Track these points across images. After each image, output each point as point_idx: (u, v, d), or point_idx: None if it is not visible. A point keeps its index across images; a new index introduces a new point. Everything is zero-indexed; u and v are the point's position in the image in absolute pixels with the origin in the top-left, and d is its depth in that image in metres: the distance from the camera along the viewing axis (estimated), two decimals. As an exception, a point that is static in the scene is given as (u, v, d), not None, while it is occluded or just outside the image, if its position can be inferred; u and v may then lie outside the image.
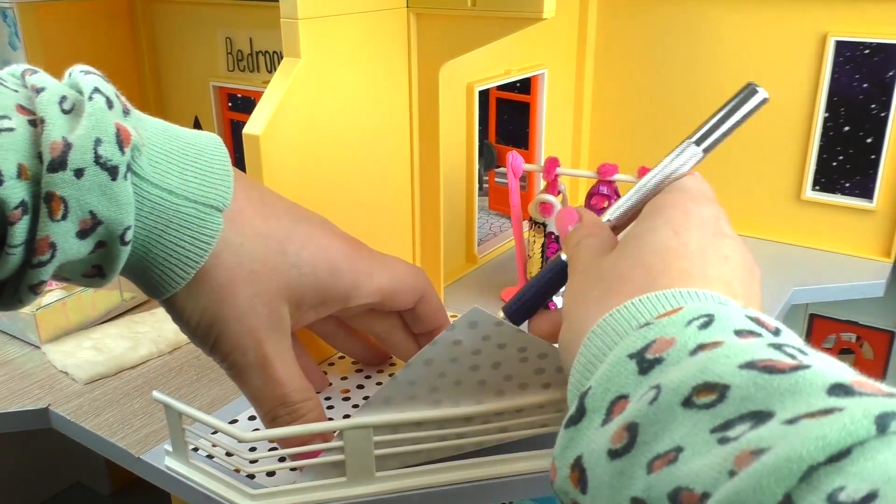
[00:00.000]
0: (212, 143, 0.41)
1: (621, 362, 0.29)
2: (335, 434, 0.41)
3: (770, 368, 0.24)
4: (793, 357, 0.25)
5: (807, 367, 0.24)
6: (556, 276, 0.42)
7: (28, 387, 0.56)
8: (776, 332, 0.28)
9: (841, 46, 0.70)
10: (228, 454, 0.44)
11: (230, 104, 0.78)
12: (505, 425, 0.43)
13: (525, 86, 0.79)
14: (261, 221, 0.42)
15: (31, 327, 0.60)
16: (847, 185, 0.74)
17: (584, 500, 0.28)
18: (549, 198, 0.62)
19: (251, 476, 0.44)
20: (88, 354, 0.58)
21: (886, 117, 0.69)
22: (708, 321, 0.28)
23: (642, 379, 0.28)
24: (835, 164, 0.73)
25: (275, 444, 0.46)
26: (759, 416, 0.24)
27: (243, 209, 0.42)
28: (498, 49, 0.68)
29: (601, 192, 0.61)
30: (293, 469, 0.43)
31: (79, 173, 0.34)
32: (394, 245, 0.62)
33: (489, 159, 0.81)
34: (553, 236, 0.62)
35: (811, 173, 0.75)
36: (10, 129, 0.34)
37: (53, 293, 0.62)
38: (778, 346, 0.26)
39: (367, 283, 0.45)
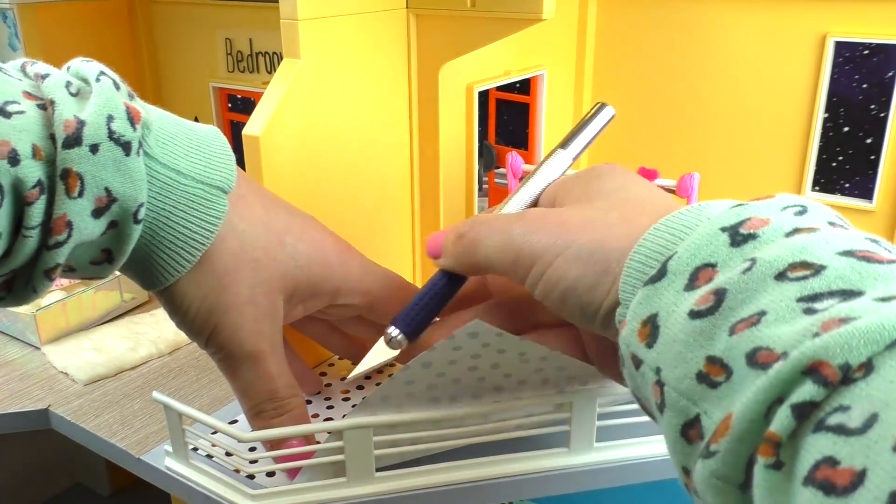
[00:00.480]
0: (210, 129, 0.42)
1: (713, 234, 0.29)
2: (328, 435, 0.41)
3: (868, 258, 0.25)
4: (889, 252, 0.26)
5: None
6: (445, 288, 0.42)
7: (28, 387, 0.56)
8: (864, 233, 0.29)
9: (840, 47, 0.70)
10: (228, 454, 0.44)
11: (230, 105, 0.78)
12: (504, 426, 0.43)
13: (525, 86, 0.79)
14: (262, 210, 0.42)
15: (31, 328, 0.60)
16: (847, 185, 0.74)
17: (646, 353, 0.28)
18: (549, 198, 0.62)
19: (251, 476, 0.44)
20: (88, 355, 0.59)
21: (886, 118, 0.69)
22: (802, 210, 0.29)
23: (734, 251, 0.28)
24: (834, 164, 0.73)
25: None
26: (850, 294, 0.24)
27: (246, 195, 0.42)
28: (497, 50, 0.68)
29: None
30: (293, 470, 0.43)
31: (94, 149, 0.35)
32: (394, 245, 0.62)
33: (489, 160, 0.81)
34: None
35: (811, 174, 0.75)
36: (21, 112, 0.34)
37: (53, 294, 0.62)
38: (874, 241, 0.27)
39: (356, 283, 0.45)
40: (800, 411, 0.22)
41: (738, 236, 0.28)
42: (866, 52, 0.69)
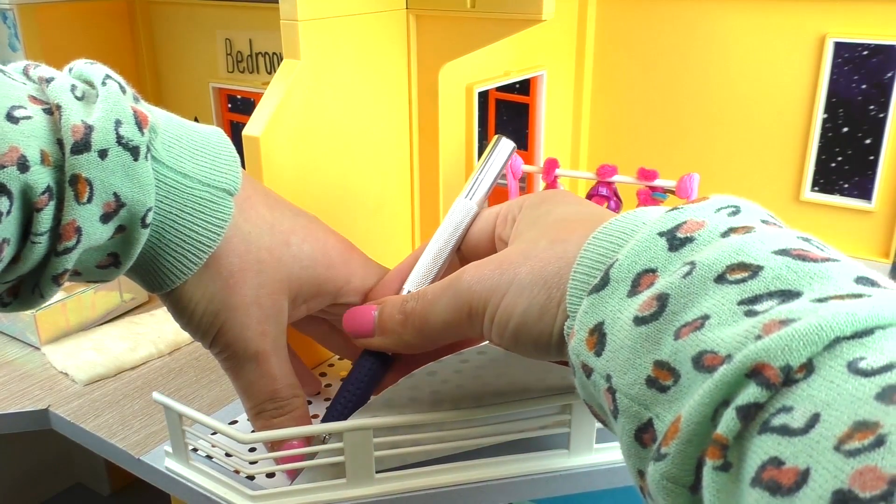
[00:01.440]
0: (215, 131, 0.42)
1: (651, 239, 0.29)
2: (327, 437, 0.41)
3: (803, 256, 0.26)
4: (821, 250, 0.27)
5: (836, 259, 0.26)
6: (377, 373, 0.43)
7: (28, 388, 0.56)
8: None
9: (840, 47, 0.70)
10: (228, 455, 0.44)
11: (230, 105, 0.78)
12: (505, 427, 0.44)
13: (524, 87, 0.79)
14: (267, 211, 0.43)
15: (31, 328, 0.61)
16: (846, 185, 0.74)
17: (596, 362, 0.29)
18: (549, 199, 0.62)
19: (251, 477, 0.44)
20: (88, 355, 0.59)
21: (885, 118, 0.70)
22: (736, 211, 0.29)
23: (673, 255, 0.28)
24: (833, 165, 0.74)
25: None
26: (788, 295, 0.25)
27: (251, 196, 0.42)
28: (497, 50, 0.68)
29: (600, 194, 0.61)
30: (293, 471, 0.43)
31: (103, 154, 0.35)
32: (393, 246, 0.62)
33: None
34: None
35: (810, 174, 0.75)
36: (28, 118, 0.34)
37: (53, 294, 0.62)
38: (806, 239, 0.27)
39: (359, 283, 0.45)
40: (744, 413, 0.22)
41: (675, 240, 0.29)
42: (865, 52, 0.69)
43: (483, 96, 0.73)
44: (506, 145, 0.46)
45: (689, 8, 0.77)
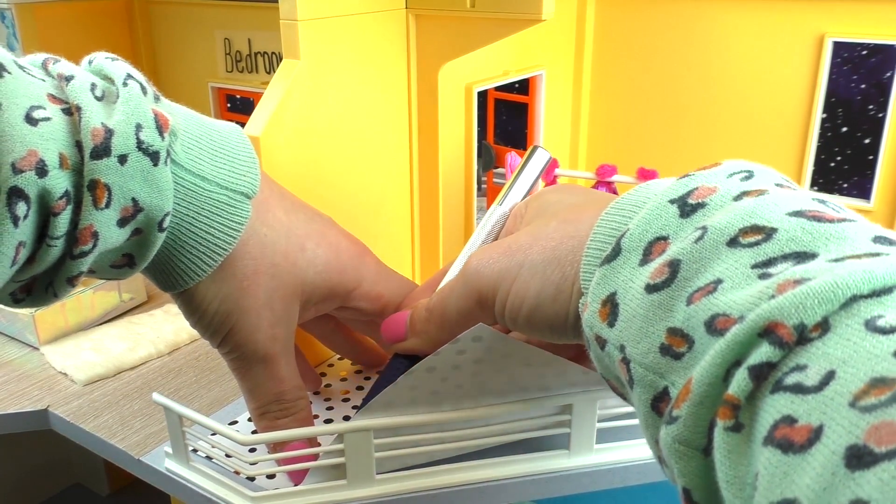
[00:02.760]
0: (235, 131, 0.41)
1: (662, 206, 0.29)
2: (335, 437, 0.41)
3: (818, 217, 0.25)
4: (837, 211, 0.26)
5: (852, 220, 0.25)
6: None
7: (27, 388, 0.56)
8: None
9: (838, 47, 0.70)
10: (228, 456, 0.44)
11: (229, 105, 0.78)
12: (505, 428, 0.43)
13: (523, 87, 0.79)
14: (284, 214, 0.42)
15: (30, 328, 0.60)
16: (845, 185, 0.74)
17: (609, 333, 0.28)
18: (548, 199, 0.62)
19: (251, 478, 0.44)
20: (87, 355, 0.58)
21: (884, 118, 0.70)
22: (749, 175, 0.29)
23: (684, 222, 0.28)
24: (832, 164, 0.74)
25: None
26: (803, 256, 0.24)
27: (268, 199, 0.42)
28: (496, 50, 0.68)
29: (600, 193, 0.61)
30: (296, 473, 0.43)
31: (122, 159, 0.34)
32: (393, 246, 0.62)
33: (487, 160, 0.81)
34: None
35: (809, 174, 0.75)
36: (48, 119, 0.33)
37: (52, 294, 0.62)
38: (822, 201, 0.27)
39: (369, 287, 0.45)
40: (757, 373, 0.22)
41: (686, 206, 0.28)
42: (864, 52, 0.69)
43: (482, 96, 0.73)
44: (541, 155, 0.46)
45: (688, 8, 0.77)
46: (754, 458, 0.21)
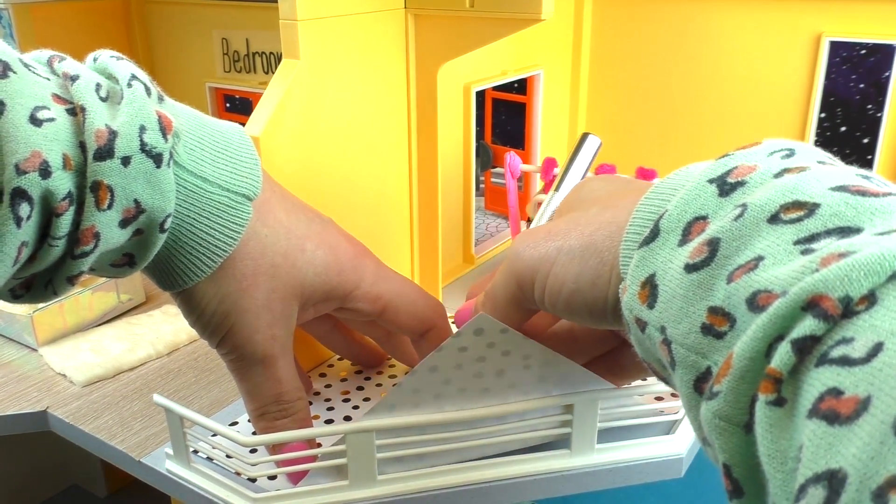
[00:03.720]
0: (237, 132, 0.41)
1: (701, 186, 0.28)
2: (339, 438, 0.41)
3: (862, 192, 0.25)
4: (881, 186, 0.26)
5: None
6: None
7: (26, 389, 0.56)
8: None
9: (836, 47, 0.70)
10: (229, 457, 0.44)
11: (227, 105, 0.78)
12: (506, 428, 0.43)
13: (522, 86, 0.79)
14: (284, 215, 0.42)
15: (28, 329, 0.60)
16: (843, 184, 0.74)
17: (649, 315, 0.28)
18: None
19: (252, 479, 0.44)
20: (86, 356, 0.58)
21: (882, 117, 0.70)
22: (790, 153, 0.28)
23: (723, 201, 0.28)
24: (831, 163, 0.74)
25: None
26: (848, 231, 0.24)
27: (269, 200, 0.42)
28: (494, 50, 0.68)
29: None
30: (296, 475, 0.43)
31: (126, 161, 0.34)
32: (392, 246, 0.62)
33: (486, 160, 0.81)
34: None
35: (807, 173, 0.75)
36: (52, 119, 0.33)
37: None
38: (866, 176, 0.26)
39: (367, 288, 0.45)
40: (800, 346, 0.21)
41: (725, 185, 0.28)
42: (863, 51, 0.69)
43: (480, 96, 0.73)
44: (592, 142, 0.47)
45: (686, 7, 0.77)
46: (797, 432, 0.21)
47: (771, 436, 0.22)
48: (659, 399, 0.50)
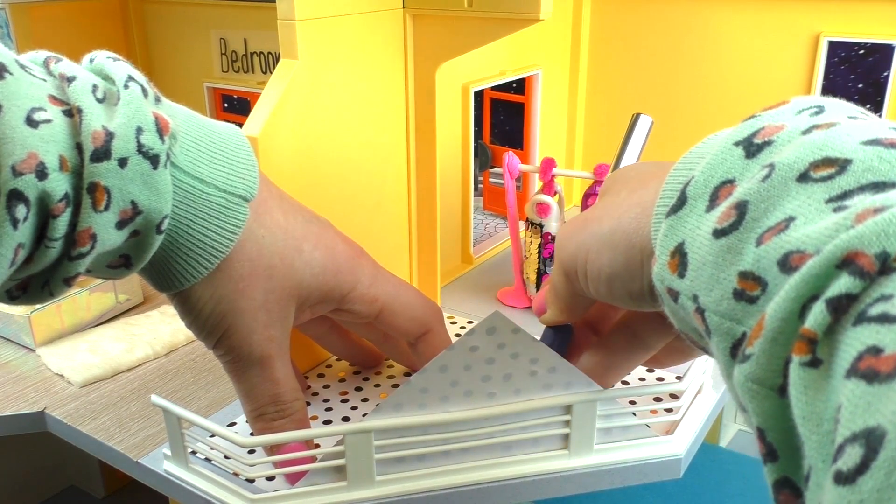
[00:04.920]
0: (234, 133, 0.41)
1: (726, 150, 0.28)
2: (338, 438, 0.41)
3: None
4: None
5: None
6: (557, 344, 0.43)
7: (23, 390, 0.55)
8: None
9: (834, 46, 0.70)
10: (227, 458, 0.44)
11: (225, 105, 0.78)
12: (506, 428, 0.43)
13: (520, 86, 0.79)
14: (281, 216, 0.42)
15: (26, 330, 0.60)
16: (841, 184, 0.74)
17: (680, 284, 0.28)
18: (546, 199, 0.62)
19: (251, 480, 0.44)
20: (84, 357, 0.58)
21: (880, 117, 0.70)
22: (819, 110, 0.27)
23: (750, 162, 0.27)
24: (829, 163, 0.74)
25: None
26: (882, 186, 0.23)
27: (266, 200, 0.42)
28: (493, 50, 0.68)
29: (598, 193, 0.61)
30: (293, 475, 0.43)
31: (122, 163, 0.34)
32: (390, 246, 0.62)
33: (484, 160, 0.81)
34: (550, 236, 0.62)
35: (805, 173, 0.75)
36: (48, 121, 0.33)
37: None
38: None
39: (364, 291, 0.45)
40: (835, 305, 0.21)
41: (752, 147, 0.27)
42: (861, 51, 0.69)
43: (478, 96, 0.73)
44: (644, 121, 0.47)
45: (684, 7, 0.77)
46: (834, 393, 0.20)
47: (806, 398, 0.21)
48: (657, 400, 0.50)
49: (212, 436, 0.43)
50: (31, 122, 0.32)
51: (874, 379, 0.19)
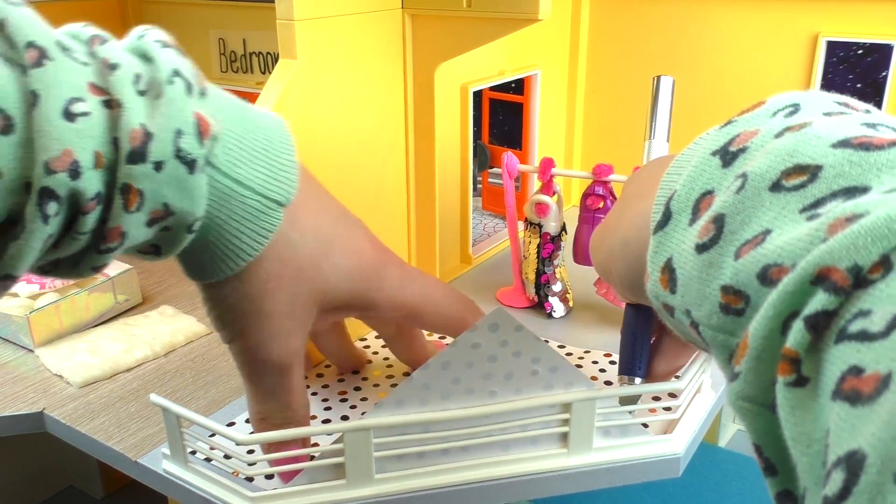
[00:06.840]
0: (278, 130, 0.40)
1: (704, 161, 0.28)
2: (338, 436, 0.41)
3: (866, 145, 0.23)
4: (890, 133, 0.24)
5: None
6: (639, 320, 0.43)
7: (22, 391, 0.55)
8: (867, 112, 0.27)
9: (833, 47, 0.70)
10: (227, 457, 0.44)
11: (223, 105, 0.78)
12: (505, 427, 0.43)
13: (519, 86, 0.79)
14: (313, 218, 0.41)
15: (25, 330, 0.60)
16: (840, 184, 0.74)
17: (673, 299, 0.28)
18: (545, 199, 0.62)
19: (250, 479, 0.44)
20: (83, 357, 0.58)
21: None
22: (794, 109, 0.27)
23: (726, 172, 0.27)
24: (827, 163, 0.74)
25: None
26: (854, 192, 0.22)
27: (300, 203, 0.40)
28: (491, 50, 0.68)
29: (597, 193, 0.61)
30: (289, 473, 0.43)
31: (158, 166, 0.33)
32: (390, 243, 0.61)
33: (483, 160, 0.81)
34: (548, 236, 0.62)
35: (804, 173, 0.75)
36: (86, 114, 0.32)
37: (46, 296, 0.62)
38: (872, 125, 0.25)
39: (391, 295, 0.44)
40: (813, 323, 0.20)
41: (727, 155, 0.27)
42: (860, 51, 0.69)
43: (477, 96, 0.73)
44: (666, 82, 0.48)
45: (683, 7, 0.77)
46: (822, 414, 0.20)
47: (794, 418, 0.20)
48: (656, 399, 0.50)
49: (211, 435, 0.43)
50: (69, 116, 0.31)
51: (857, 400, 0.18)
